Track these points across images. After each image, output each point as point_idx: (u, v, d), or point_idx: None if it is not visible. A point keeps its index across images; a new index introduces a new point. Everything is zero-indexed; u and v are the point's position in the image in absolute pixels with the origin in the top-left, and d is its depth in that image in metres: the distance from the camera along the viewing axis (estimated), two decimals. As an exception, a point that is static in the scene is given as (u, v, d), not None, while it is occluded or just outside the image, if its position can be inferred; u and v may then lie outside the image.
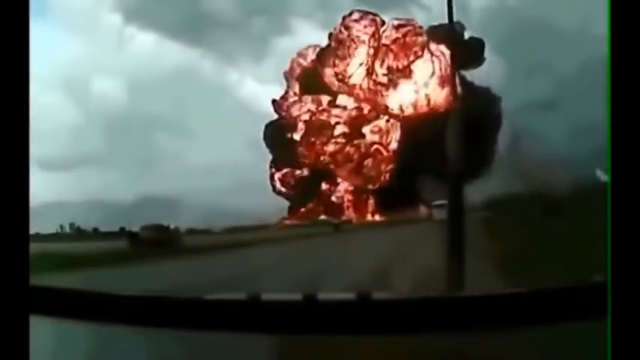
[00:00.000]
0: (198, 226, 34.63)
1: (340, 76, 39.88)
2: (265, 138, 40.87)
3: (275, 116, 41.77)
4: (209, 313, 1.30)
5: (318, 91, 40.37)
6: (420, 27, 39.47)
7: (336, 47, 40.08)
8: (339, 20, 40.63)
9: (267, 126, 41.02)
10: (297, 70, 41.33)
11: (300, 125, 40.27)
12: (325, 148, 39.65)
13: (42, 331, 1.26)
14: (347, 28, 40.35)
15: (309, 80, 40.31)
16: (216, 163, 37.94)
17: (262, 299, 1.30)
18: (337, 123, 39.80)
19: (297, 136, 40.20)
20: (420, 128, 35.55)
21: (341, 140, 39.88)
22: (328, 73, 39.95)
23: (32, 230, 1.21)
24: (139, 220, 28.35)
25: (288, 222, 39.98)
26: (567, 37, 35.73)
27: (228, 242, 22.38)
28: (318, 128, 39.59)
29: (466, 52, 34.85)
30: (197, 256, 18.06)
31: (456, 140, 8.22)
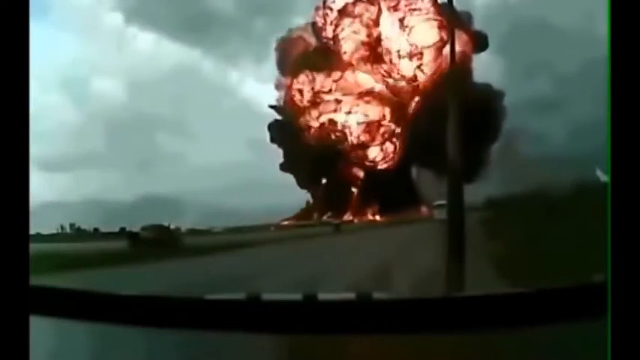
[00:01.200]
0: (199, 226, 34.66)
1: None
2: (278, 141, 39.99)
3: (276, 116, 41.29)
4: (209, 313, 1.30)
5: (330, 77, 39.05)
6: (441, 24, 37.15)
7: (334, 46, 39.13)
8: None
9: (274, 126, 40.10)
10: (294, 54, 39.57)
11: (314, 131, 39.30)
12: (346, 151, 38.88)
13: (42, 331, 1.26)
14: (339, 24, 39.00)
15: (314, 64, 38.95)
16: (216, 163, 38.03)
17: (262, 299, 1.30)
18: (358, 136, 39.01)
19: (313, 142, 39.23)
20: (420, 125, 35.17)
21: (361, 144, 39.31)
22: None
23: (32, 230, 1.21)
24: (139, 220, 28.41)
25: (286, 222, 39.82)
26: (569, 36, 35.75)
27: (229, 242, 22.38)
28: (335, 141, 38.74)
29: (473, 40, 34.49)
30: (197, 256, 18.06)
31: (455, 139, 8.21)
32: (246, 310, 1.28)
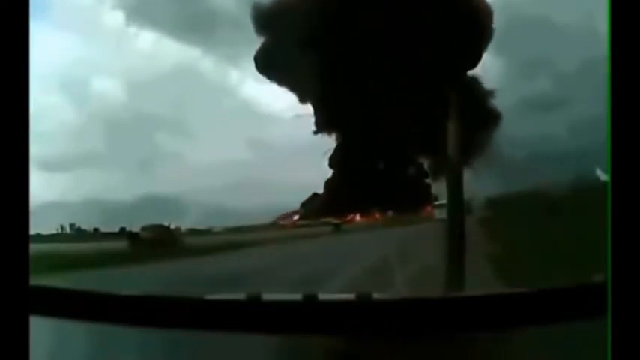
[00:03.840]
0: (199, 226, 34.50)
1: None
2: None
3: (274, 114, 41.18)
4: (209, 313, 1.30)
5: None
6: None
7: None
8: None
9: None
10: None
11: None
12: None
13: (42, 331, 1.26)
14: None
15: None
16: (216, 163, 37.94)
17: (262, 299, 1.30)
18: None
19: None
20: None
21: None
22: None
23: (32, 230, 1.20)
24: (139, 220, 28.28)
25: (283, 222, 39.64)
26: (569, 34, 35.68)
27: (229, 242, 22.28)
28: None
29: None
30: (197, 256, 17.98)
31: (455, 138, 8.20)
32: (246, 310, 1.27)
